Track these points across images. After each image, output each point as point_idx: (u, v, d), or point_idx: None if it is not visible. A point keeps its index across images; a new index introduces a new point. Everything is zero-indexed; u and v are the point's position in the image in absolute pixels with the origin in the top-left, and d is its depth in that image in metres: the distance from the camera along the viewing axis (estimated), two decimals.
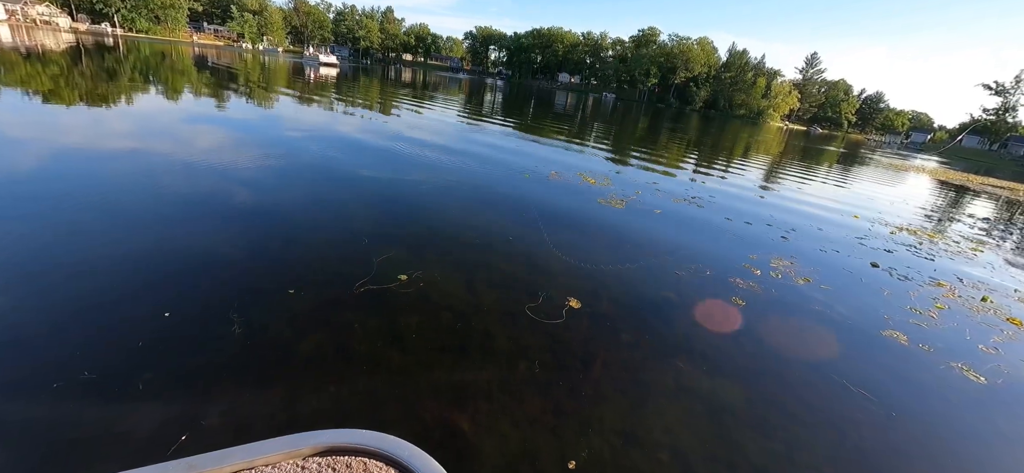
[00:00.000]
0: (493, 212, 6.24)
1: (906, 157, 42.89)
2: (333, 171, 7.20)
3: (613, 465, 2.39)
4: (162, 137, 7.99)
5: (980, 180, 26.60)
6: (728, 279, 5.05)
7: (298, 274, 3.78)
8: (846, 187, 15.12)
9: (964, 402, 3.51)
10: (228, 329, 2.97)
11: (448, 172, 8.13)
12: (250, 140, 8.73)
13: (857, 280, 5.79)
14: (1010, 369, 4.09)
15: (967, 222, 12.03)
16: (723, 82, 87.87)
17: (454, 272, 4.21)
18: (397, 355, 2.96)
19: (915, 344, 4.25)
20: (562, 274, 4.51)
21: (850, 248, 7.19)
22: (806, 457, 2.69)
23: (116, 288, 3.29)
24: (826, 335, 4.24)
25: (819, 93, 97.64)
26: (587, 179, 9.24)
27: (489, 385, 2.82)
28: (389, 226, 5.16)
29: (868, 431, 3.00)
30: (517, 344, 3.27)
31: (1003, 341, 4.63)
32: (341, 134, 10.68)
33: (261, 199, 5.44)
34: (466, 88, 42.73)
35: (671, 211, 7.75)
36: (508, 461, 2.31)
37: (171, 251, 3.92)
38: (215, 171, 6.34)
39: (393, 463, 1.01)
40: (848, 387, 3.42)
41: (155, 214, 4.66)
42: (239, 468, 0.94)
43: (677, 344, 3.64)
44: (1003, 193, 21.29)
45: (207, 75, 22.02)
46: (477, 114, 20.43)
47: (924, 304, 5.28)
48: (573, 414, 2.69)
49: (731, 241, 6.54)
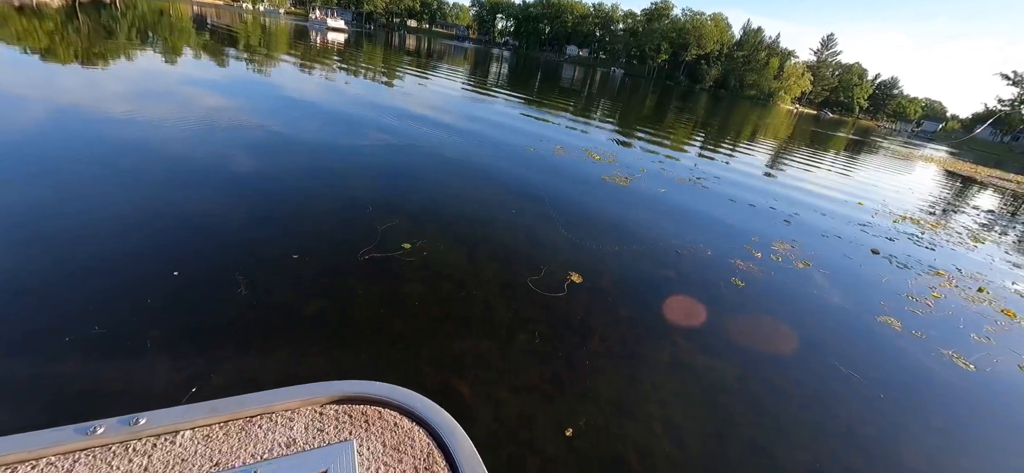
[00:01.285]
0: (497, 185, 6.23)
1: (916, 146, 42.33)
2: (337, 139, 7.16)
3: (608, 434, 2.47)
4: (163, 99, 7.91)
5: (988, 172, 26.32)
6: (729, 260, 5.08)
7: (302, 240, 3.81)
8: (853, 174, 14.99)
9: (952, 388, 3.58)
10: (234, 291, 3.02)
11: (452, 144, 8.08)
12: (253, 105, 8.65)
13: (856, 266, 5.82)
14: (999, 358, 4.16)
15: (971, 213, 11.97)
16: (735, 61, 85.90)
17: (457, 243, 4.25)
18: (399, 322, 3.02)
19: (909, 330, 4.31)
20: (564, 249, 4.54)
21: (852, 234, 7.19)
22: (795, 434, 2.78)
23: (123, 247, 3.34)
24: (822, 318, 4.29)
25: (833, 76, 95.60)
26: (592, 155, 9.18)
27: (489, 353, 2.89)
28: (393, 196, 5.17)
29: (857, 412, 3.08)
30: (517, 315, 3.33)
31: (996, 332, 4.69)
32: (345, 102, 10.56)
33: (264, 165, 5.43)
34: (472, 58, 41.91)
35: (675, 190, 7.73)
36: (506, 426, 2.39)
37: (176, 213, 3.95)
38: (218, 135, 6.31)
39: (407, 413, 1.07)
40: (840, 369, 3.49)
41: (159, 176, 4.67)
42: (259, 412, 1.00)
43: (676, 321, 3.70)
44: (1010, 186, 21.09)
45: (207, 36, 21.60)
46: (483, 86, 20.11)
47: (921, 292, 5.32)
48: (570, 384, 2.77)
49: (734, 222, 6.55)
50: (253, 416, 0.98)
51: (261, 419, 0.98)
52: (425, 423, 1.05)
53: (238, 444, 0.91)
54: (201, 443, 0.90)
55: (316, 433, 0.97)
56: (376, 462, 0.94)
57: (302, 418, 1.00)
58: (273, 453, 0.91)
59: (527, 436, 2.36)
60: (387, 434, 1.01)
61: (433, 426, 1.04)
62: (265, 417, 0.99)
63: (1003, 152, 50.08)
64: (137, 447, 0.87)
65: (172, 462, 0.85)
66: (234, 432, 0.94)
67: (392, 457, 0.95)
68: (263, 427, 0.96)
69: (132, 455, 0.85)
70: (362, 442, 0.97)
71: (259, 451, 0.91)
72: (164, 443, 0.89)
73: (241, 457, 0.89)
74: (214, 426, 0.94)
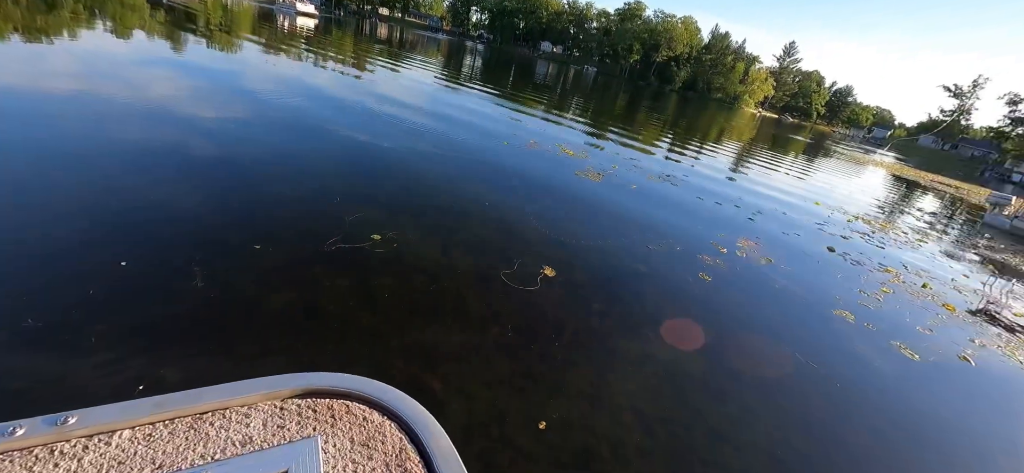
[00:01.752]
0: (470, 177, 6.15)
1: (867, 151, 44.95)
2: (302, 127, 6.87)
3: (580, 426, 2.47)
4: (112, 80, 7.36)
5: (931, 177, 28.27)
6: (697, 255, 5.22)
7: (265, 229, 3.63)
8: (810, 176, 15.74)
9: (899, 375, 3.81)
10: (189, 283, 2.84)
11: (424, 135, 7.92)
12: (213, 88, 8.19)
13: (814, 263, 6.10)
14: (940, 348, 4.46)
15: (915, 214, 12.82)
16: (703, 64, 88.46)
17: (429, 235, 4.16)
18: (368, 315, 2.93)
19: (861, 323, 4.55)
20: (538, 242, 4.53)
21: (810, 233, 7.54)
22: (758, 421, 2.87)
23: (64, 234, 3.07)
24: (783, 311, 4.47)
25: (793, 82, 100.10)
26: (566, 151, 9.22)
27: (461, 348, 2.84)
28: (362, 185, 5.01)
29: (815, 399, 3.23)
30: (490, 309, 3.29)
31: (937, 324, 5.03)
32: (311, 89, 10.16)
33: (223, 151, 5.14)
34: (445, 49, 41.28)
35: (646, 187, 7.87)
36: (478, 420, 2.36)
37: (124, 199, 3.67)
38: (173, 119, 5.93)
39: (377, 406, 1.00)
40: (800, 359, 3.64)
41: (105, 160, 4.34)
42: (210, 408, 0.91)
43: (645, 315, 3.76)
44: (949, 191, 22.72)
45: (162, 15, 20.31)
46: (456, 78, 19.84)
47: (872, 287, 5.64)
48: (543, 377, 2.76)
49: (701, 219, 6.73)
50: (204, 413, 0.89)
51: (213, 416, 0.89)
52: (397, 417, 0.98)
53: (185, 444, 0.83)
54: (141, 444, 0.81)
55: (276, 430, 0.89)
56: (343, 459, 0.87)
57: (260, 414, 0.92)
58: (226, 453, 0.83)
59: (500, 430, 2.33)
60: (355, 429, 0.94)
61: (406, 419, 0.97)
62: (218, 414, 0.90)
63: (944, 159, 53.90)
64: (65, 450, 0.77)
65: (106, 465, 0.76)
66: (181, 431, 0.85)
67: (361, 454, 0.89)
68: (215, 425, 0.88)
69: (58, 459, 0.76)
70: (328, 438, 0.90)
71: (210, 451, 0.82)
72: (98, 444, 0.79)
73: (188, 458, 0.80)
74: (157, 424, 0.85)
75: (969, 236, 11.44)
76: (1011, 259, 9.79)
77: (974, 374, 4.17)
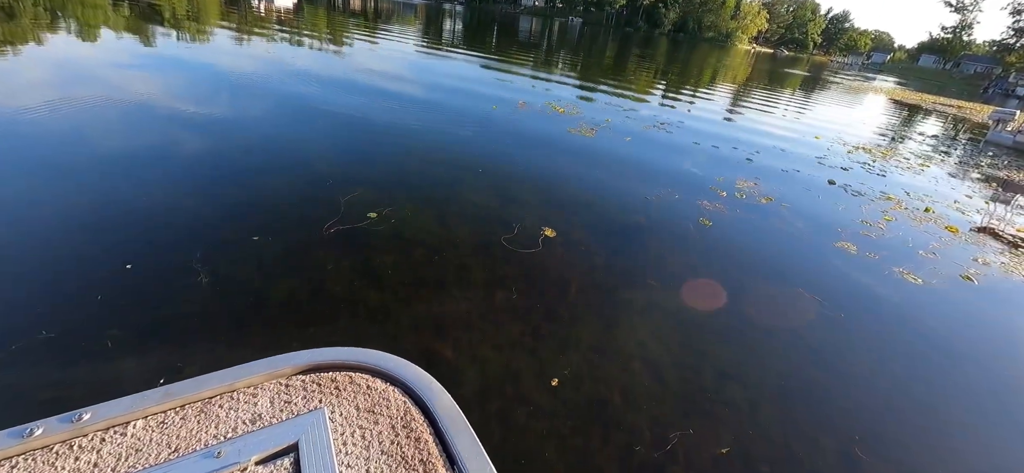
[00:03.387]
0: (461, 145, 6.06)
1: (867, 78, 43.91)
2: (286, 112, 6.73)
3: (591, 378, 2.54)
4: (86, 85, 7.15)
5: (932, 99, 27.73)
6: (696, 201, 5.20)
7: (261, 220, 3.61)
8: (809, 110, 15.47)
9: (902, 300, 3.87)
10: (194, 280, 2.85)
11: (410, 107, 7.75)
12: (190, 82, 7.97)
13: (815, 197, 6.08)
14: (943, 271, 4.50)
15: (917, 139, 12.66)
16: (693, 2, 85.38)
17: (426, 207, 4.14)
18: (374, 293, 2.95)
19: (863, 252, 4.58)
20: (536, 204, 4.51)
21: (810, 167, 7.48)
22: (763, 358, 2.94)
23: (66, 246, 3.07)
24: (785, 249, 4.49)
25: (787, 13, 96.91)
26: (556, 108, 9.05)
27: (469, 315, 2.88)
28: (353, 165, 4.95)
29: (818, 331, 3.29)
30: (494, 274, 3.31)
31: (940, 247, 5.05)
32: (290, 72, 9.88)
33: (209, 146, 5.05)
34: (423, 15, 39.84)
35: (641, 137, 7.76)
36: (492, 382, 2.42)
37: (119, 205, 3.64)
38: (156, 120, 5.80)
39: (379, 374, 1.03)
40: (803, 294, 3.69)
41: (94, 168, 4.27)
42: (218, 392, 0.94)
43: (648, 265, 3.78)
44: (952, 111, 22.32)
45: (126, 11, 19.57)
46: (437, 45, 19.25)
47: (874, 217, 5.64)
48: (552, 336, 2.81)
49: (699, 165, 6.67)
50: (212, 397, 0.92)
51: (221, 399, 0.92)
52: (399, 382, 1.02)
53: (198, 427, 0.86)
54: (156, 431, 0.84)
55: (283, 406, 0.92)
56: (351, 426, 0.90)
57: (267, 393, 0.95)
58: (238, 431, 0.86)
59: (514, 389, 2.39)
60: (360, 397, 0.97)
61: (408, 384, 1.01)
62: (226, 396, 0.93)
63: (945, 79, 52.74)
64: (83, 444, 0.80)
65: (124, 454, 0.79)
66: (192, 415, 0.88)
67: (367, 419, 0.92)
68: (224, 407, 0.90)
69: (78, 452, 0.79)
70: (334, 409, 0.93)
71: (222, 431, 0.85)
72: (114, 436, 0.82)
73: (202, 439, 0.83)
74: (169, 412, 0.88)
75: (972, 156, 11.34)
76: (1015, 175, 9.73)
77: (976, 293, 4.23)
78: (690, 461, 2.16)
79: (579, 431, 2.23)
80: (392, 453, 0.86)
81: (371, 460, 0.85)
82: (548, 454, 2.09)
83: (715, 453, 2.22)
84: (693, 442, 2.25)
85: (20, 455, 0.77)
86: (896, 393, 2.84)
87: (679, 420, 2.37)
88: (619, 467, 2.08)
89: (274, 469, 0.80)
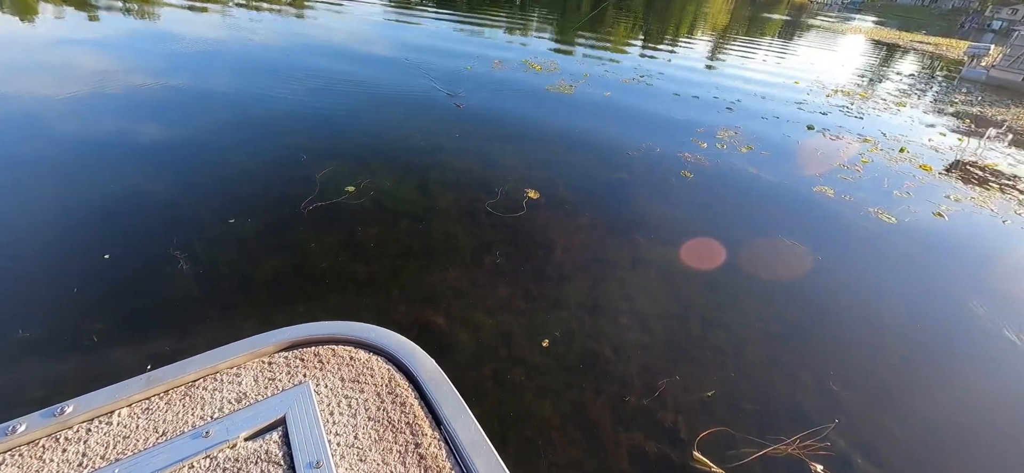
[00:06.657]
0: (437, 111, 5.90)
1: (846, 19, 43.67)
2: (253, 88, 6.41)
3: (581, 334, 2.59)
4: (35, 70, 6.70)
5: (910, 37, 27.78)
6: (678, 154, 5.21)
7: (235, 201, 3.50)
8: (788, 55, 15.40)
9: (877, 240, 4.00)
10: (174, 267, 2.79)
11: (383, 75, 7.45)
12: (147, 60, 7.50)
13: (794, 143, 6.14)
14: (916, 208, 4.64)
15: (895, 79, 12.76)
16: None
17: (405, 177, 4.06)
18: (362, 267, 2.93)
19: (840, 196, 4.68)
20: (518, 167, 4.46)
21: (789, 113, 7.52)
22: (746, 302, 3.03)
23: (37, 239, 2.95)
24: (765, 196, 4.57)
25: None
26: (533, 66, 8.82)
27: (458, 282, 2.89)
28: (325, 139, 4.78)
29: (799, 274, 3.40)
30: (480, 240, 3.31)
31: (914, 186, 5.19)
32: (249, 45, 9.36)
33: (174, 127, 4.81)
34: None
35: (620, 92, 7.66)
36: (486, 346, 2.45)
37: (84, 195, 3.49)
38: (114, 102, 5.48)
39: (362, 345, 1.04)
40: (783, 240, 3.78)
41: (55, 156, 4.06)
42: (201, 374, 0.94)
43: (633, 220, 3.82)
44: (929, 49, 22.45)
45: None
46: (406, 5, 18.40)
47: (851, 160, 5.74)
48: (541, 297, 2.84)
49: (680, 117, 6.64)
50: (196, 380, 0.93)
51: (205, 381, 0.92)
52: (382, 351, 1.03)
53: (183, 410, 0.86)
54: (141, 417, 0.84)
55: (268, 383, 0.93)
56: (336, 397, 0.91)
57: (250, 372, 0.95)
58: (224, 411, 0.86)
59: (507, 350, 2.44)
60: (344, 369, 0.98)
61: (390, 352, 1.02)
62: (209, 378, 0.93)
63: (924, 15, 52.71)
64: (69, 436, 0.80)
65: (112, 442, 0.79)
66: (177, 399, 0.88)
67: (352, 389, 0.93)
68: (208, 388, 0.91)
69: (65, 445, 0.78)
70: (319, 382, 0.94)
71: (208, 412, 0.86)
72: (99, 426, 0.82)
73: (189, 422, 0.83)
74: (153, 398, 0.88)
75: (947, 93, 11.50)
76: (987, 111, 9.93)
77: (946, 228, 4.39)
78: (678, 405, 2.25)
79: (572, 385, 2.30)
80: (379, 418, 0.88)
81: (359, 427, 0.86)
82: (544, 409, 2.16)
83: (702, 396, 2.32)
84: (680, 387, 2.35)
85: (6, 452, 0.76)
86: (870, 328, 2.98)
87: (667, 368, 2.46)
88: (611, 416, 2.17)
89: (264, 443, 0.81)
